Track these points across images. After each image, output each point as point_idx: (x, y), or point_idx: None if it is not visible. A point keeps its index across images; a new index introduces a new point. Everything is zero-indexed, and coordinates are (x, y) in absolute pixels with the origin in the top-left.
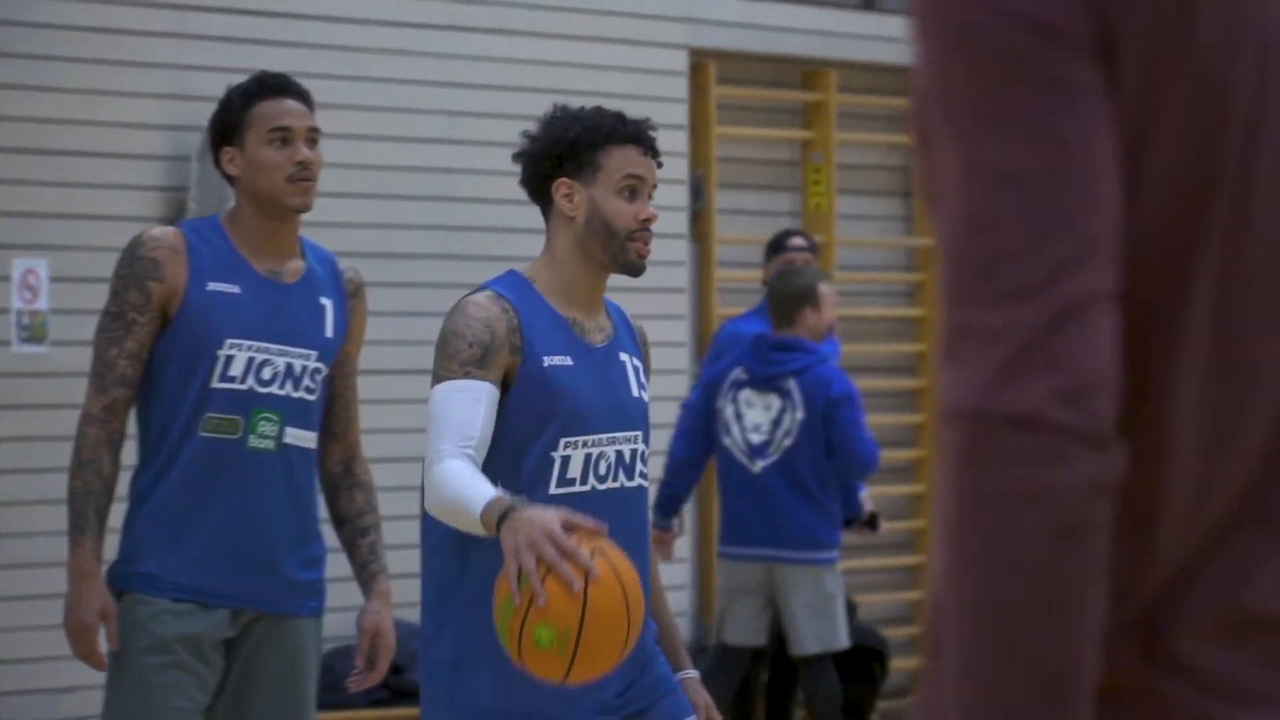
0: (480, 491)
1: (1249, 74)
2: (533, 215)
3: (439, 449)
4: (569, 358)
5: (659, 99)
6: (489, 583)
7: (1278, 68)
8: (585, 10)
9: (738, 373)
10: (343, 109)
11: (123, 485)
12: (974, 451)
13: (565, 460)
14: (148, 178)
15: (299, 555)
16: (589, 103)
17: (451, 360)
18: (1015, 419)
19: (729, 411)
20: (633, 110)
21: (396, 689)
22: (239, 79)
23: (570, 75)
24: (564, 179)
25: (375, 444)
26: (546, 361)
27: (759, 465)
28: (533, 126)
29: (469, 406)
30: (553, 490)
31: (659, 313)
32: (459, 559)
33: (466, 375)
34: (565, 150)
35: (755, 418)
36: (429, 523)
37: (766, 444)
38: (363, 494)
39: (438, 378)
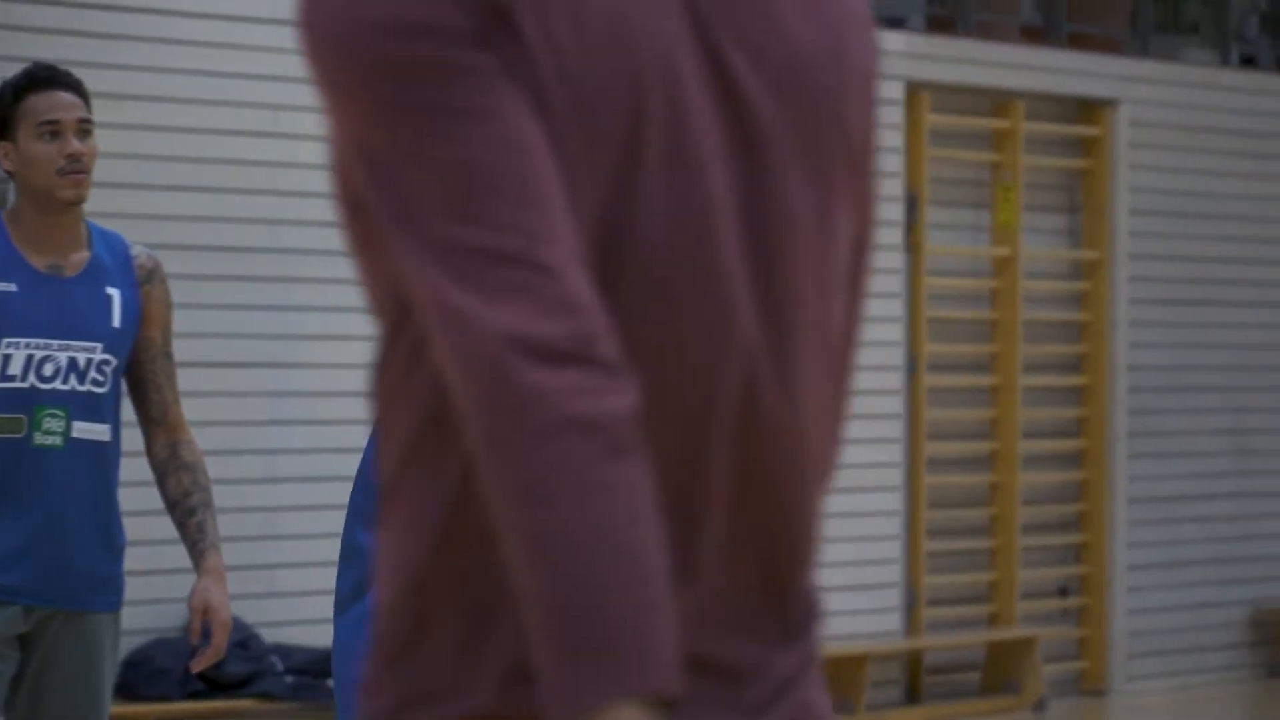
0: None
1: (619, 107)
2: None
3: None
4: None
5: None
6: None
7: (655, 105)
8: None
9: None
10: (168, 102)
11: None
12: (519, 389)
13: None
14: None
15: (96, 550)
16: None
17: None
18: (550, 355)
19: None
20: None
21: (214, 681)
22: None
23: None
24: None
25: (205, 437)
26: None
27: None
28: None
29: None
30: None
31: None
32: None
33: None
34: None
35: None
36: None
37: None
38: (189, 475)
39: None
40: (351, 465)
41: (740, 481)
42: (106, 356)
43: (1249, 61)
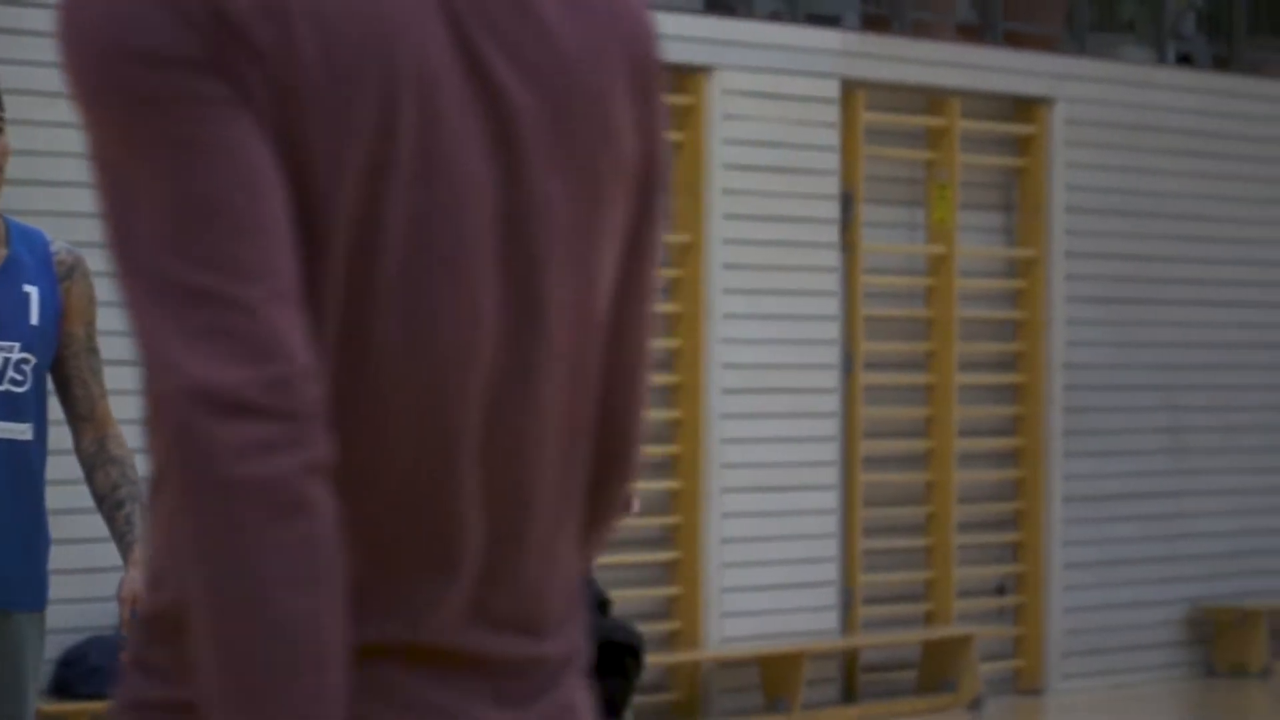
0: None
1: (369, 110)
2: None
3: None
4: None
5: None
6: None
7: (408, 106)
8: None
9: None
10: None
11: None
12: (196, 445)
13: None
14: None
15: (19, 550)
16: None
17: None
18: (232, 408)
19: None
20: None
21: None
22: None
23: None
24: None
25: (136, 435)
26: None
27: None
28: None
29: None
30: None
31: None
32: None
33: None
34: None
35: None
36: None
37: None
38: (116, 468)
39: None
40: None
41: (490, 481)
42: (25, 355)
43: (1185, 60)
